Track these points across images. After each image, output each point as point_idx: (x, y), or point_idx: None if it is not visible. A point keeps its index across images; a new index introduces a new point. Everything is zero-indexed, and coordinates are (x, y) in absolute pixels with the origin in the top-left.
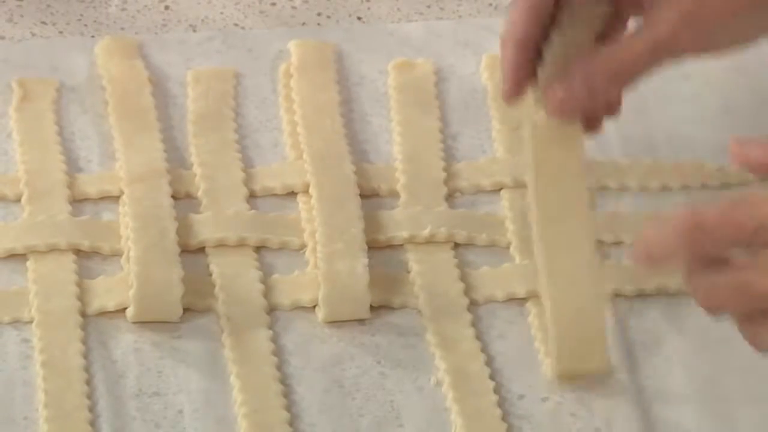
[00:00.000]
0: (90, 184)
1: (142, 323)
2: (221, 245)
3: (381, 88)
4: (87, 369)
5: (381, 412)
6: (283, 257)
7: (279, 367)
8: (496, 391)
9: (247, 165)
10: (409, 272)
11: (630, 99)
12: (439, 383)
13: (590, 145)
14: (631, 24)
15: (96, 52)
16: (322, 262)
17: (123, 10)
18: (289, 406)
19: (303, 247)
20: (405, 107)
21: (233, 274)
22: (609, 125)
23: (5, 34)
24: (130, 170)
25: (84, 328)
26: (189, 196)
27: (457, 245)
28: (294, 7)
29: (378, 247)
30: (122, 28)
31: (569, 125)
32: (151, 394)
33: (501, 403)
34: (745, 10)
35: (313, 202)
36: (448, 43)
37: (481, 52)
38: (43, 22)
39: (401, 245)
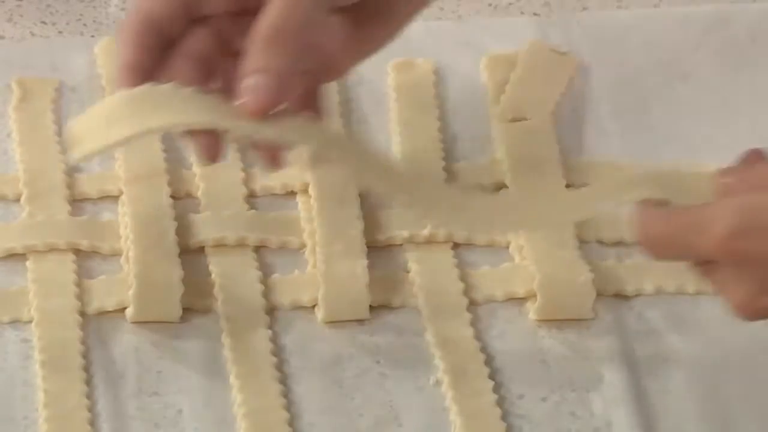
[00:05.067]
0: (89, 184)
1: (142, 323)
2: (221, 245)
3: (380, 88)
4: (86, 369)
5: (380, 412)
6: (283, 257)
7: (278, 367)
8: (496, 390)
9: (247, 165)
10: (408, 272)
11: (630, 99)
12: (438, 383)
13: (589, 145)
14: None
15: (95, 52)
16: (321, 263)
17: (122, 9)
18: (289, 406)
19: (302, 247)
20: (404, 107)
21: (233, 274)
22: (610, 125)
23: (5, 34)
24: (130, 170)
25: (83, 327)
26: (188, 196)
27: (456, 245)
28: None
29: (377, 246)
30: None
31: None
32: (150, 393)
33: (500, 403)
34: None
35: (313, 201)
36: (448, 43)
37: (481, 52)
38: (43, 22)
39: (400, 245)
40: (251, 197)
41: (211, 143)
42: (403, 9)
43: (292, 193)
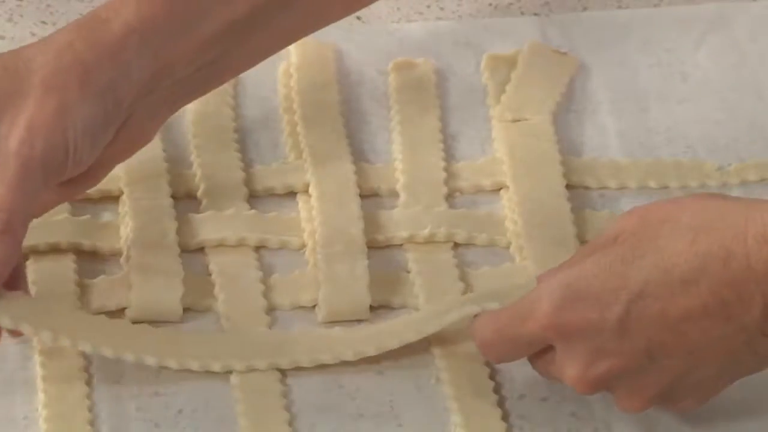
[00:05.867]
0: None
1: (142, 323)
2: (221, 245)
3: (381, 87)
4: (86, 369)
5: (380, 411)
6: (283, 257)
7: (278, 367)
8: (496, 390)
9: (247, 165)
10: (408, 272)
11: (630, 99)
12: (438, 383)
13: (590, 145)
14: None
15: None
16: (321, 263)
17: None
18: (289, 406)
19: (303, 246)
20: (405, 107)
21: (233, 274)
22: (610, 125)
23: (5, 34)
24: (130, 170)
25: None
26: (189, 196)
27: (456, 245)
28: None
29: (377, 246)
30: None
31: None
32: (150, 394)
33: (501, 403)
34: None
35: (313, 201)
36: (448, 43)
37: (481, 52)
38: (43, 22)
39: (401, 245)
40: (251, 197)
41: None
42: (111, 163)
43: (292, 193)
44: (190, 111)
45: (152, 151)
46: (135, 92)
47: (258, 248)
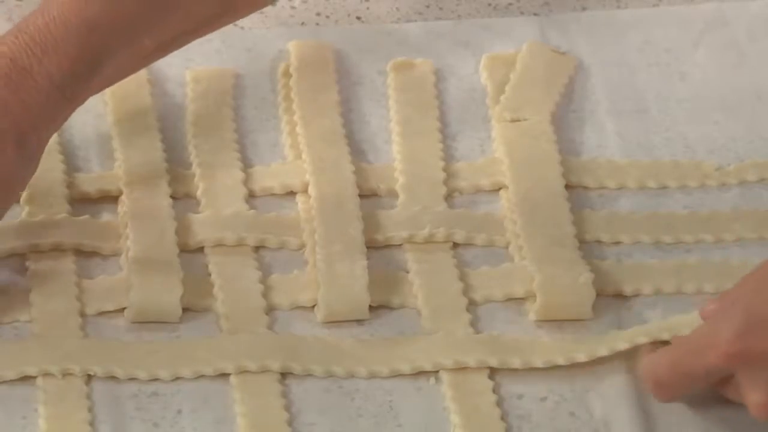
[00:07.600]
0: (89, 184)
1: (142, 323)
2: (220, 245)
3: (380, 88)
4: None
5: (380, 411)
6: (282, 257)
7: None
8: (495, 390)
9: (246, 165)
10: (408, 272)
11: (629, 99)
12: (437, 383)
13: (589, 145)
14: None
15: None
16: (321, 264)
17: None
18: (288, 406)
19: (302, 246)
20: (404, 107)
21: (232, 274)
22: (609, 125)
23: None
24: (129, 170)
25: (83, 328)
26: (188, 196)
27: (455, 245)
28: (293, 7)
29: (377, 246)
30: None
31: None
32: (149, 393)
33: (500, 403)
34: None
35: (312, 202)
36: (447, 43)
37: (481, 52)
38: None
39: (400, 245)
40: (251, 197)
41: None
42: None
43: (291, 193)
44: (189, 111)
45: (151, 151)
46: (52, 134)
47: (257, 248)
